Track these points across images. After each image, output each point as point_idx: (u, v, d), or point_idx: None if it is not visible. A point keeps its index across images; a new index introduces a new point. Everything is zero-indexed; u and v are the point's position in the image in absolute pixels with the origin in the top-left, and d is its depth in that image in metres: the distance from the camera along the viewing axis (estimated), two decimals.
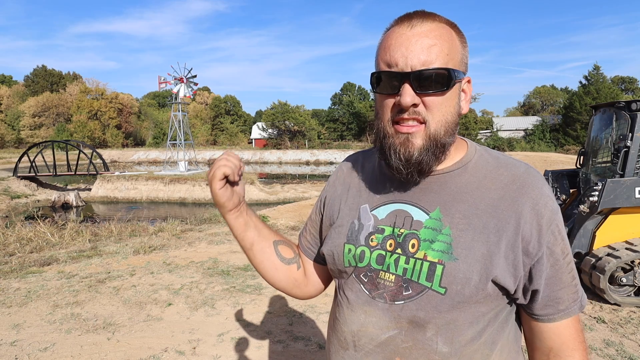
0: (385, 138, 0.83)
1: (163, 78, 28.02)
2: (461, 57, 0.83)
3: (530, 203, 0.80)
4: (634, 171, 4.41)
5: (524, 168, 0.86)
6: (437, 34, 0.79)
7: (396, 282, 0.85)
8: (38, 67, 69.66)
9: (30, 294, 4.59)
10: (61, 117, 60.77)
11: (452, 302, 0.80)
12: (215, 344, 3.44)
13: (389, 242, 0.87)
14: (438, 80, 0.78)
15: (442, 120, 0.80)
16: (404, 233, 0.86)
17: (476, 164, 0.88)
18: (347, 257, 0.92)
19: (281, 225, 8.52)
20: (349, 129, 60.91)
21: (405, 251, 0.85)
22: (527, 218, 0.80)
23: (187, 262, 5.82)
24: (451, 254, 0.80)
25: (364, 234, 0.91)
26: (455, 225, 0.82)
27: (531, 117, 52.31)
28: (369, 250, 0.89)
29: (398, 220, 0.88)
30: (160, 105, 76.30)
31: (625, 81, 56.18)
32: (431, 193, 0.87)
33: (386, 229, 0.89)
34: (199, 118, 64.77)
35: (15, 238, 7.34)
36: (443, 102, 0.80)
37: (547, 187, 0.84)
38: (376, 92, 0.84)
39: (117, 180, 22.52)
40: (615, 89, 44.58)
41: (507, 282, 0.80)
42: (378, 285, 0.87)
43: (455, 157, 0.89)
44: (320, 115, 63.44)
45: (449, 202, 0.84)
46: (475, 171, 0.87)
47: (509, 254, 0.79)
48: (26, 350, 3.33)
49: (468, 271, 0.79)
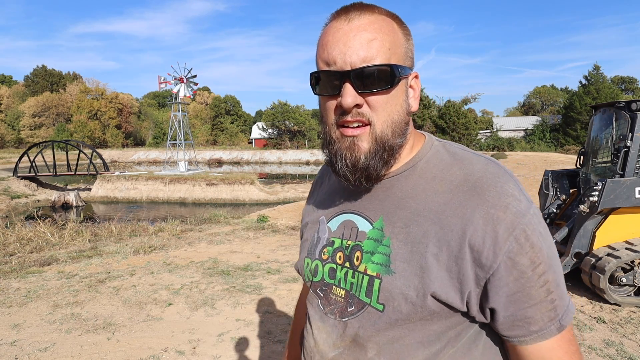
0: (331, 143, 0.77)
1: (163, 78, 28.02)
2: (405, 51, 0.76)
3: (483, 207, 0.69)
4: (634, 171, 4.41)
5: (482, 164, 0.75)
6: (377, 26, 0.72)
7: (345, 297, 0.80)
8: (38, 67, 69.68)
9: (30, 294, 4.59)
10: (61, 117, 60.77)
11: (390, 319, 0.73)
12: (215, 344, 3.44)
13: (339, 255, 0.83)
14: (381, 77, 0.71)
15: (388, 121, 0.73)
16: (351, 245, 0.81)
17: (427, 163, 0.79)
18: (306, 272, 0.89)
19: (281, 225, 8.51)
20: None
21: (352, 264, 0.79)
22: (478, 224, 0.68)
23: (187, 262, 5.82)
24: (389, 267, 0.73)
25: (319, 247, 0.87)
26: (396, 235, 0.75)
27: (531, 117, 52.30)
28: (321, 264, 0.86)
29: (346, 231, 0.83)
30: (160, 105, 76.30)
31: (625, 81, 56.20)
32: (376, 200, 0.80)
33: (335, 241, 0.84)
34: (199, 118, 64.77)
35: (15, 238, 7.34)
36: (388, 101, 0.73)
37: (513, 185, 0.71)
38: (316, 94, 0.77)
39: (117, 180, 22.52)
40: (615, 89, 44.57)
41: (450, 297, 0.70)
42: (330, 301, 0.83)
43: (408, 156, 0.81)
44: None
45: (392, 210, 0.77)
46: (425, 172, 0.78)
47: (451, 266, 0.69)
48: (26, 350, 3.33)
49: (404, 286, 0.71)
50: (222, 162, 46.58)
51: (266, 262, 5.77)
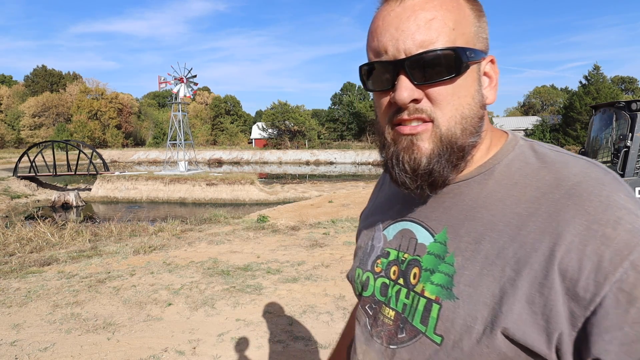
0: (386, 146, 0.64)
1: (163, 78, 28.03)
2: (476, 31, 0.62)
3: (581, 220, 0.52)
4: (634, 171, 4.41)
5: (580, 167, 0.58)
6: (437, 3, 0.59)
7: (395, 320, 0.67)
8: (38, 67, 69.74)
9: (30, 294, 4.59)
10: (61, 117, 60.81)
11: (448, 356, 0.59)
12: (215, 344, 3.44)
13: (393, 269, 0.70)
14: (443, 64, 0.58)
15: (456, 116, 0.60)
16: (407, 259, 0.68)
17: (508, 167, 0.63)
18: (357, 283, 0.78)
19: (281, 225, 8.51)
20: (349, 129, 60.95)
21: (407, 282, 0.67)
22: (573, 242, 0.51)
23: (187, 262, 5.82)
24: (451, 290, 0.59)
25: (373, 257, 0.76)
26: (462, 252, 0.60)
27: (531, 117, 52.38)
28: (373, 277, 0.74)
29: (403, 242, 0.70)
30: (160, 105, 76.34)
31: (625, 81, 56.24)
32: (440, 208, 0.66)
33: (391, 253, 0.72)
34: (199, 118, 64.81)
35: (15, 238, 7.34)
36: (454, 93, 0.59)
37: (624, 194, 0.54)
38: (368, 90, 0.65)
39: (117, 180, 22.52)
40: (615, 89, 44.61)
41: (529, 338, 0.52)
42: (378, 321, 0.70)
43: (483, 158, 0.66)
44: (320, 115, 63.47)
45: (459, 221, 0.63)
46: (504, 177, 0.62)
47: (534, 297, 0.52)
48: (26, 350, 3.33)
49: (469, 316, 0.57)
50: (222, 162, 46.62)
51: (266, 262, 5.77)
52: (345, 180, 27.56)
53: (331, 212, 10.40)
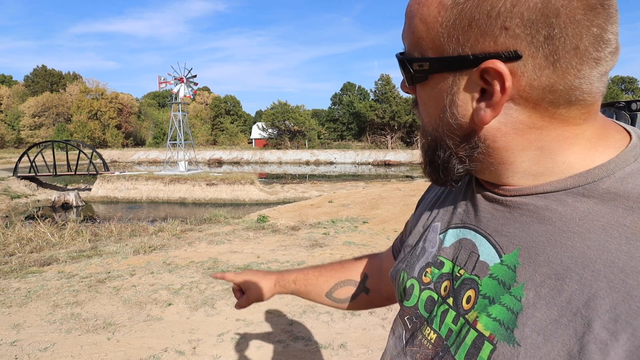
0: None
1: (163, 78, 28.03)
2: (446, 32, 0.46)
3: None
4: None
5: None
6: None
7: (435, 345, 0.55)
8: (38, 67, 69.77)
9: (30, 294, 4.59)
10: (61, 117, 60.84)
11: None
12: (215, 344, 3.44)
13: (445, 285, 0.57)
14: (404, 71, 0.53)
15: (430, 125, 0.54)
16: (463, 276, 0.55)
17: (622, 183, 0.45)
18: (399, 288, 0.67)
19: (281, 225, 8.51)
20: (349, 129, 60.99)
21: (458, 305, 0.54)
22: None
23: (187, 262, 5.82)
24: (512, 332, 0.46)
25: (422, 262, 0.63)
26: (536, 285, 0.46)
27: None
28: (418, 286, 0.61)
29: (462, 254, 0.56)
30: (160, 105, 76.39)
31: (625, 81, 56.28)
32: (516, 223, 0.51)
33: (446, 263, 0.58)
34: (199, 118, 64.86)
35: (15, 238, 7.34)
36: (426, 102, 0.54)
37: None
38: None
39: (117, 180, 22.53)
40: (615, 89, 44.59)
41: None
42: (415, 340, 0.59)
43: (584, 163, 0.48)
44: (320, 115, 63.55)
45: (539, 244, 0.47)
46: (614, 196, 0.45)
47: None
48: (26, 350, 3.33)
49: None
50: (222, 162, 46.63)
51: (266, 262, 5.77)
52: (345, 180, 27.55)
53: (331, 212, 10.40)
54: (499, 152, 0.50)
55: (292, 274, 0.99)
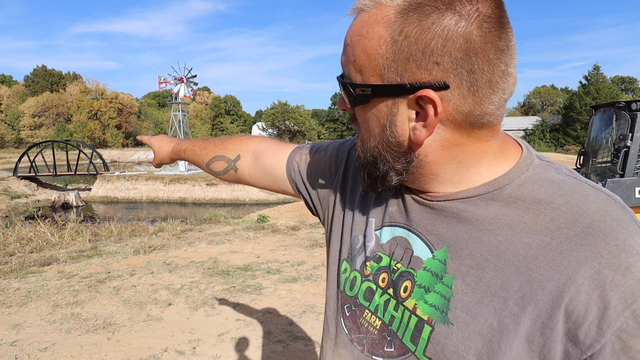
0: None
1: (163, 78, 28.06)
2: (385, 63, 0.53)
3: (594, 263, 0.49)
4: (634, 171, 4.41)
5: (601, 203, 0.54)
6: (357, 25, 0.56)
7: (381, 330, 0.65)
8: (38, 67, 69.75)
9: (30, 294, 4.59)
10: (61, 117, 60.85)
11: None
12: (215, 344, 3.44)
13: (382, 276, 0.66)
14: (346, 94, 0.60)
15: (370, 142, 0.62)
16: (400, 270, 0.64)
17: (519, 189, 0.57)
18: (342, 278, 0.74)
19: (281, 225, 8.52)
20: (349, 129, 60.93)
21: (397, 294, 0.63)
22: (583, 285, 0.49)
23: (187, 262, 5.82)
24: (446, 314, 0.57)
25: (362, 257, 0.71)
26: (463, 275, 0.57)
27: (531, 117, 52.37)
28: (360, 278, 0.70)
29: (398, 250, 0.66)
30: (160, 105, 76.40)
31: (625, 81, 56.29)
32: (443, 223, 0.61)
33: (383, 258, 0.67)
34: (199, 118, 64.87)
35: (15, 238, 7.34)
36: (366, 121, 0.61)
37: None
38: None
39: (117, 180, 22.53)
40: (615, 89, 44.67)
41: None
42: (360, 327, 0.68)
43: (491, 173, 0.59)
44: (320, 115, 63.52)
45: (462, 241, 0.58)
46: (515, 200, 0.57)
47: (534, 336, 0.51)
48: (26, 350, 3.33)
49: (463, 345, 0.55)
50: None
51: (266, 262, 5.77)
52: None
53: None
54: (429, 165, 0.59)
55: (185, 144, 1.17)
